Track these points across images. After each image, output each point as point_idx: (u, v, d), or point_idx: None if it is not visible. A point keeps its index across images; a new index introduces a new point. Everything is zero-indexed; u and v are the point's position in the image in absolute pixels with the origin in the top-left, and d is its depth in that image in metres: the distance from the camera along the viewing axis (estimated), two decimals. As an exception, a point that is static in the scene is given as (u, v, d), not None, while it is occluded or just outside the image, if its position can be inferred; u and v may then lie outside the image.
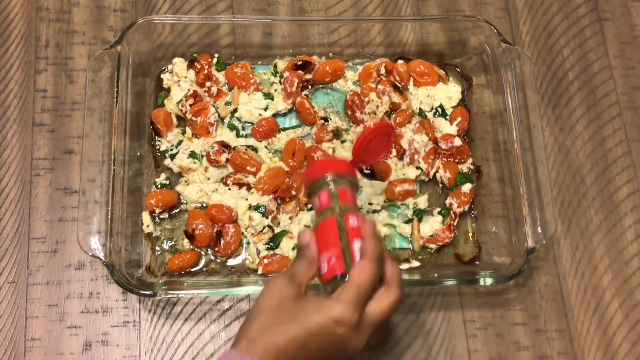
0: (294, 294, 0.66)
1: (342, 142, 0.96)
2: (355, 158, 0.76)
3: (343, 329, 0.63)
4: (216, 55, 0.97)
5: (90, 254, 0.81)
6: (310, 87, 0.98)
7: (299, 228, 0.90)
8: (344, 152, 0.95)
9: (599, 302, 0.93)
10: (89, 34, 1.00)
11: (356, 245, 0.66)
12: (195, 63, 0.96)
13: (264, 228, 0.90)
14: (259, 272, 0.88)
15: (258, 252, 0.89)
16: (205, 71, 0.96)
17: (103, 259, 0.81)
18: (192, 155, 0.92)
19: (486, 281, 0.85)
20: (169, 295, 0.84)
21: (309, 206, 0.91)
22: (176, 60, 0.96)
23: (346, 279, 0.65)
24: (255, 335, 0.64)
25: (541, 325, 0.91)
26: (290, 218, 0.91)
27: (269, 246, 0.89)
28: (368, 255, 0.65)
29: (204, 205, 0.91)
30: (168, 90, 0.96)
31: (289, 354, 0.63)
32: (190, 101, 0.93)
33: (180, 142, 0.93)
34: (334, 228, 0.67)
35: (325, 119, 0.96)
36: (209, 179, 0.92)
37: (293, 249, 0.89)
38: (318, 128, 0.95)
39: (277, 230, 0.90)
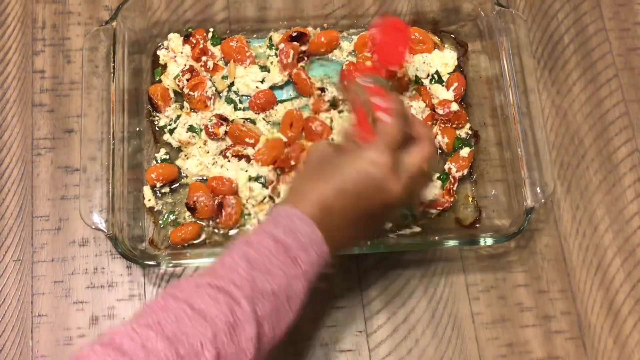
0: (334, 150, 0.72)
1: (340, 112, 0.96)
2: (379, 61, 0.82)
3: (378, 168, 0.68)
4: (211, 29, 0.98)
5: (94, 227, 0.82)
6: (306, 58, 0.98)
7: (299, 197, 0.91)
8: (342, 121, 0.95)
9: (601, 261, 0.93)
10: (84, 14, 1.01)
11: (383, 116, 0.72)
12: (191, 38, 0.96)
13: (264, 198, 0.90)
14: (261, 241, 0.89)
15: (259, 222, 0.90)
16: (201, 46, 0.96)
17: (106, 231, 0.82)
18: (191, 129, 0.92)
19: (487, 241, 0.86)
20: (172, 264, 0.84)
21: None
22: (171, 36, 0.97)
23: None
24: (300, 186, 0.71)
25: (543, 286, 0.92)
26: (291, 188, 0.91)
27: (270, 216, 0.90)
28: (392, 114, 0.71)
29: (205, 178, 0.92)
30: (164, 66, 0.97)
31: (330, 199, 0.68)
32: (187, 76, 0.94)
33: (178, 117, 0.94)
34: (364, 112, 0.73)
35: (322, 90, 0.96)
36: (208, 152, 0.93)
37: (294, 217, 0.89)
38: (315, 99, 0.96)
39: (277, 200, 0.91)
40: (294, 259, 0.65)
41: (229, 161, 0.92)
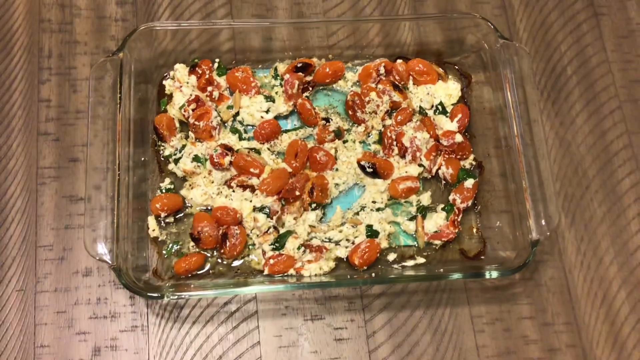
0: None
1: (344, 142, 0.96)
2: None
3: None
4: (217, 60, 0.98)
5: (97, 258, 0.82)
6: (310, 88, 0.99)
7: (304, 228, 0.90)
8: (347, 151, 0.95)
9: (606, 293, 0.93)
10: (91, 44, 1.01)
11: None
12: (197, 68, 0.97)
13: (268, 229, 0.90)
14: (265, 272, 0.88)
15: (264, 252, 0.90)
16: (207, 76, 0.96)
17: (110, 262, 0.82)
18: (196, 159, 0.93)
19: (492, 274, 0.85)
20: (176, 297, 0.84)
21: (313, 206, 0.92)
22: (178, 66, 0.97)
23: None
24: None
25: (548, 319, 0.91)
26: (295, 218, 0.91)
27: (274, 247, 0.90)
28: None
29: (209, 208, 0.92)
30: (170, 96, 0.97)
31: None
32: (193, 106, 0.94)
33: (183, 147, 0.94)
34: None
35: (327, 120, 0.97)
36: (212, 182, 0.93)
37: (298, 248, 0.89)
38: (319, 129, 0.96)
39: (282, 230, 0.91)
40: None
41: (233, 191, 0.92)
